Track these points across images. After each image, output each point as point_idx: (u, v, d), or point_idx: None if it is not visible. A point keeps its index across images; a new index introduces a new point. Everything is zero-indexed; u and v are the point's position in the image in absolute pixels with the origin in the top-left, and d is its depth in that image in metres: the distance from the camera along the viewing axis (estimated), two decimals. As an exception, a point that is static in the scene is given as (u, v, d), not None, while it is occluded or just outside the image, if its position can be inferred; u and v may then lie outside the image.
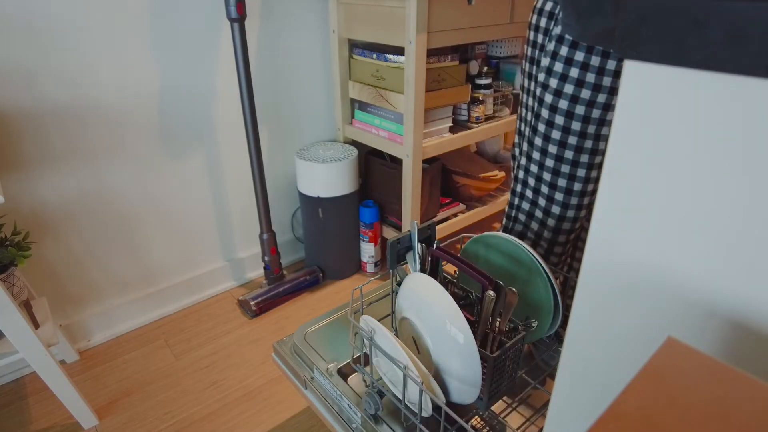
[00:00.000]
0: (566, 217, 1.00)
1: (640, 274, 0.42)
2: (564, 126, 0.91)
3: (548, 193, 1.00)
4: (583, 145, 0.91)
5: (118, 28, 1.26)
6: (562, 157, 0.94)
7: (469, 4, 1.41)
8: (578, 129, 0.90)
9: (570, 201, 0.98)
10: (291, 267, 1.86)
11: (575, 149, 0.92)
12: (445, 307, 0.74)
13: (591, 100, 0.86)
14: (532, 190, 1.03)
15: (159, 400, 1.29)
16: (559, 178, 0.97)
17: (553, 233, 1.03)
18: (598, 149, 0.91)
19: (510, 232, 1.11)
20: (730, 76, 0.33)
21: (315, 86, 1.68)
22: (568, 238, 1.04)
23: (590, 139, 0.90)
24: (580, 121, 0.89)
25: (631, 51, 0.36)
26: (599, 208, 0.43)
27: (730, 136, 0.34)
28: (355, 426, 0.86)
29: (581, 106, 0.87)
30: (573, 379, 0.51)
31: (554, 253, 1.05)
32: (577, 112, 0.88)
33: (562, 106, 0.90)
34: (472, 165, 1.88)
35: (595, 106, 0.86)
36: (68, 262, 1.38)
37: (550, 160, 0.96)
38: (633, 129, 0.39)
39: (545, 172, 0.98)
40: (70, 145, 1.28)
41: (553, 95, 0.90)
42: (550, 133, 0.94)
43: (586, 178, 0.95)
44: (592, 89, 0.85)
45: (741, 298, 0.36)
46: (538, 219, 1.04)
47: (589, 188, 0.97)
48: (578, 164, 0.93)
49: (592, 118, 0.88)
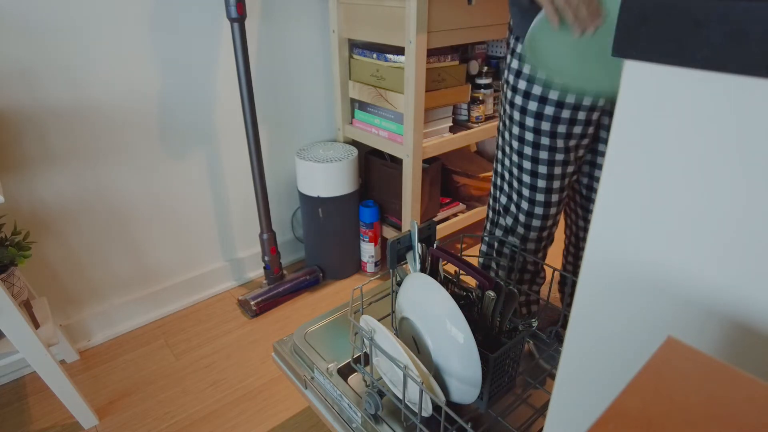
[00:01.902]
0: (534, 213, 1.03)
1: (640, 273, 0.42)
2: (520, 122, 0.95)
3: (517, 188, 1.03)
4: (540, 142, 0.94)
5: (118, 28, 1.26)
6: (522, 153, 0.97)
7: (469, 4, 1.41)
8: (532, 125, 0.93)
9: (535, 197, 1.01)
10: (291, 267, 1.86)
11: (533, 145, 0.95)
12: (445, 307, 0.74)
13: (542, 96, 0.90)
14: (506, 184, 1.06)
15: (159, 400, 1.29)
16: (523, 174, 1.00)
17: (524, 228, 1.06)
18: (555, 146, 0.94)
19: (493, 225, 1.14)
20: (730, 76, 0.33)
21: (315, 86, 1.68)
22: (540, 234, 1.06)
23: (545, 136, 0.93)
24: (533, 117, 0.92)
25: (631, 51, 0.36)
26: (599, 208, 0.43)
27: (730, 136, 0.34)
28: (355, 426, 0.86)
29: (533, 102, 0.91)
30: (573, 378, 0.51)
31: (526, 249, 1.08)
32: (530, 108, 0.92)
33: (517, 102, 0.94)
34: (472, 165, 1.88)
35: (547, 103, 0.90)
36: (68, 261, 1.38)
37: (515, 155, 1.00)
38: (633, 128, 0.39)
39: (513, 168, 1.02)
40: (70, 145, 1.28)
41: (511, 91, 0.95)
42: (512, 128, 0.98)
43: (548, 174, 0.97)
44: (542, 85, 0.90)
45: (741, 297, 0.36)
46: (513, 213, 1.07)
47: (555, 185, 0.99)
48: (538, 161, 0.96)
49: (544, 114, 0.91)
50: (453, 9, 1.38)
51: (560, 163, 0.95)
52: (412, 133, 1.45)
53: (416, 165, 1.51)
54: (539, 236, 1.06)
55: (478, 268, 0.78)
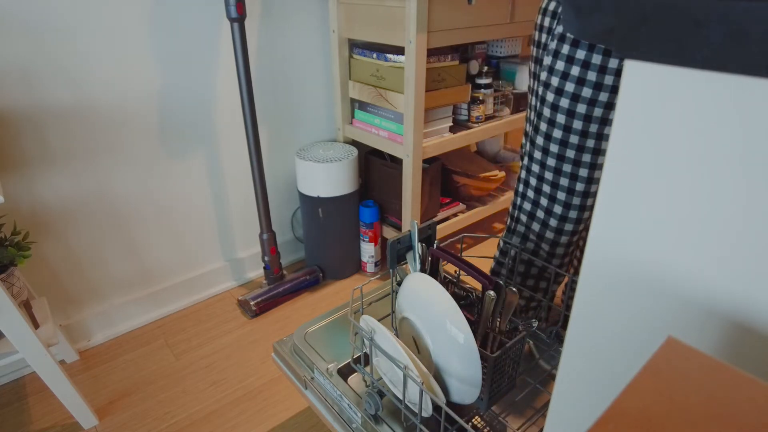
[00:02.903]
0: (568, 218, 1.00)
1: (640, 273, 0.42)
2: (565, 124, 0.91)
3: (551, 193, 0.99)
4: (585, 144, 0.91)
5: (118, 28, 1.26)
6: (563, 156, 0.94)
7: (469, 3, 1.41)
8: (580, 128, 0.89)
9: (572, 201, 0.97)
10: (291, 267, 1.86)
11: (577, 148, 0.92)
12: (445, 307, 0.74)
13: (592, 98, 0.86)
14: (534, 190, 1.03)
15: (159, 400, 1.29)
16: (561, 177, 0.96)
17: (555, 233, 1.02)
18: (600, 149, 0.91)
19: (512, 233, 1.11)
20: (730, 76, 0.33)
21: (315, 86, 1.68)
22: (570, 239, 1.03)
23: (592, 138, 0.89)
24: (581, 120, 0.88)
25: (631, 50, 0.36)
26: (600, 208, 0.43)
27: (730, 136, 0.34)
28: (355, 426, 0.86)
29: (582, 104, 0.87)
30: (573, 379, 0.51)
31: (556, 255, 1.05)
32: (578, 110, 0.88)
33: (563, 104, 0.89)
34: (472, 165, 1.88)
35: (596, 105, 0.86)
36: (68, 262, 1.38)
37: (552, 159, 0.96)
38: (633, 128, 0.39)
39: (547, 172, 0.98)
40: (70, 145, 1.28)
41: (555, 93, 0.90)
42: (552, 131, 0.93)
43: (588, 178, 0.94)
44: (593, 87, 0.85)
45: (741, 297, 0.36)
46: (540, 219, 1.03)
47: (593, 189, 0.96)
48: (580, 163, 0.93)
49: (593, 116, 0.87)
50: (453, 9, 1.38)
51: (601, 167, 0.93)
52: (412, 133, 1.45)
53: (416, 165, 1.51)
54: (570, 241, 1.04)
55: (478, 269, 0.78)
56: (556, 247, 1.04)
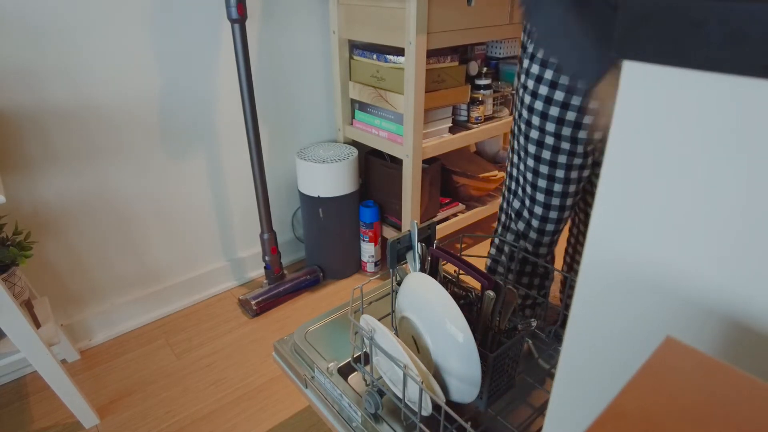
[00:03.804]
0: (548, 218, 1.01)
1: (639, 273, 0.42)
2: (540, 126, 0.93)
3: (530, 193, 1.01)
4: (560, 146, 0.92)
5: (119, 29, 1.26)
6: (539, 157, 0.96)
7: (469, 5, 1.41)
8: (553, 130, 0.91)
9: (551, 201, 0.99)
10: (291, 267, 1.86)
11: (552, 149, 0.93)
12: (444, 307, 0.74)
13: (564, 102, 0.87)
14: (520, 189, 1.05)
15: (160, 400, 1.29)
16: (539, 179, 0.98)
17: (538, 233, 1.04)
18: (575, 151, 0.92)
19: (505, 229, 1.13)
20: (730, 77, 0.33)
21: (315, 87, 1.68)
22: (552, 238, 1.05)
23: (566, 141, 0.91)
24: (554, 123, 0.90)
25: (630, 51, 0.36)
26: (598, 208, 0.43)
27: (730, 136, 0.34)
28: (355, 425, 0.86)
29: (555, 107, 0.89)
30: (572, 378, 0.51)
31: (539, 254, 1.07)
32: (551, 113, 0.89)
33: (537, 107, 0.91)
34: (471, 165, 1.88)
35: (569, 108, 0.88)
36: (69, 261, 1.38)
37: (531, 159, 0.98)
38: (632, 129, 0.39)
39: (528, 172, 1.00)
40: (71, 145, 1.28)
41: (531, 96, 0.92)
42: (529, 132, 0.96)
43: (565, 178, 0.96)
44: (565, 91, 0.86)
45: (740, 297, 0.36)
46: (525, 219, 1.05)
47: (570, 189, 0.98)
48: (556, 165, 0.95)
49: (566, 120, 0.89)
50: (453, 10, 1.38)
51: (577, 168, 0.94)
52: (411, 133, 1.45)
53: (416, 165, 1.51)
54: (552, 240, 1.06)
55: (478, 268, 0.78)
56: (539, 247, 1.06)
